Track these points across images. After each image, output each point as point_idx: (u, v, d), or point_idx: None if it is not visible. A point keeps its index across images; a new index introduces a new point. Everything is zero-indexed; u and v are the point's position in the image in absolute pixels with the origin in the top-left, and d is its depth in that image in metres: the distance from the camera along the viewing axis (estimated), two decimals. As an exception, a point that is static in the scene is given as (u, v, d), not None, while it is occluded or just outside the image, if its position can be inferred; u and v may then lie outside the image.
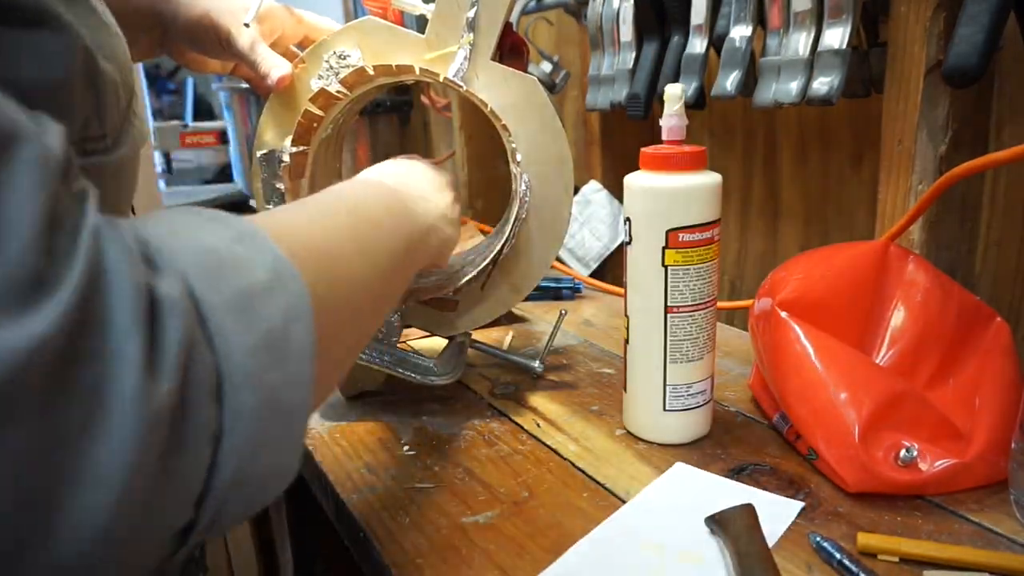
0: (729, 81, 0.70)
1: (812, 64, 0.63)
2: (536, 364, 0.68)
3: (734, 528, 0.43)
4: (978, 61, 0.50)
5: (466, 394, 0.67)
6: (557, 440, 0.58)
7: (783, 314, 0.53)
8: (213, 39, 0.60)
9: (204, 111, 2.29)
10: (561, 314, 0.70)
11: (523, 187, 0.61)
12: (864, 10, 0.62)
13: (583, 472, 0.53)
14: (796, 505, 0.47)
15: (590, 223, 1.05)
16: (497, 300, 0.65)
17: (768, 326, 0.55)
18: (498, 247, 0.62)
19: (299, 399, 0.28)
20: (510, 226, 0.61)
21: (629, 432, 0.58)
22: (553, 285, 0.96)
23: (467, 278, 0.63)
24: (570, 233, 1.04)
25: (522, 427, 0.60)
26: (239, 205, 1.88)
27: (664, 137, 0.52)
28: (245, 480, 0.26)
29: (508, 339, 0.81)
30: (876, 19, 0.65)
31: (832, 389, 0.49)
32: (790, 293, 0.54)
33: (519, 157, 0.61)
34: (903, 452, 0.47)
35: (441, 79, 0.60)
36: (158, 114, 2.18)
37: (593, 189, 1.05)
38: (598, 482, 0.52)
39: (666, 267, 0.52)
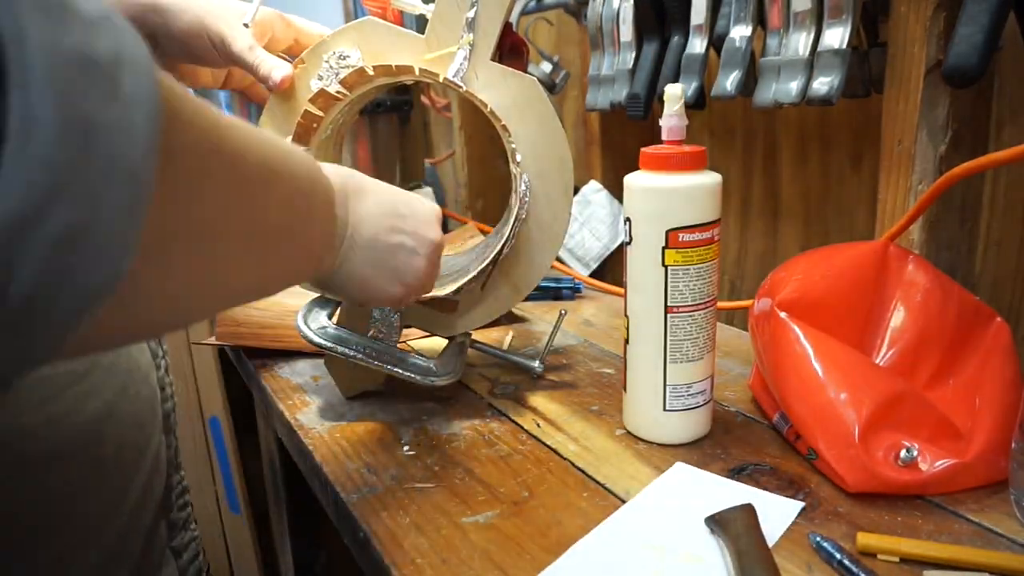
0: (729, 81, 0.70)
1: (812, 64, 0.63)
2: (536, 364, 0.68)
3: (734, 528, 0.43)
4: (978, 61, 0.50)
5: (466, 394, 0.67)
6: (557, 440, 0.58)
7: (782, 315, 0.53)
8: (207, 45, 0.59)
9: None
10: (561, 314, 0.70)
11: (523, 187, 0.61)
12: (864, 10, 0.62)
13: (583, 472, 0.53)
14: (796, 505, 0.47)
15: (590, 223, 1.05)
16: (497, 300, 0.65)
17: (768, 327, 0.55)
18: (498, 247, 0.62)
19: (129, 153, 0.21)
20: (510, 226, 0.61)
21: (629, 432, 0.58)
22: (553, 285, 0.96)
23: (467, 278, 0.63)
24: (570, 233, 1.04)
25: (522, 427, 0.60)
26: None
27: (664, 137, 0.52)
28: (36, 217, 0.19)
29: (508, 339, 0.81)
30: (876, 19, 0.65)
31: (832, 390, 0.49)
32: (790, 294, 0.54)
33: (519, 157, 0.61)
34: (903, 452, 0.47)
35: (441, 79, 0.60)
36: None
37: (593, 189, 1.05)
38: (598, 482, 0.52)
39: (666, 267, 0.52)
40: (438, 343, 0.75)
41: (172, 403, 0.55)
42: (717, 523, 0.44)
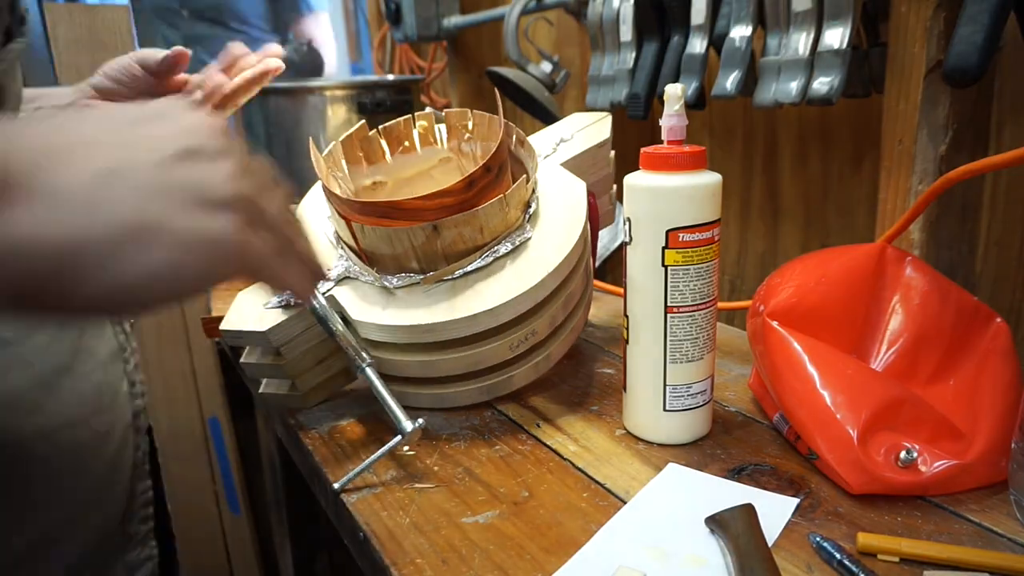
0: (729, 81, 0.70)
1: (812, 64, 0.63)
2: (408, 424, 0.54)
3: (734, 528, 0.43)
4: (978, 61, 0.50)
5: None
6: (557, 440, 0.58)
7: (773, 323, 0.54)
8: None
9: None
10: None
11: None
12: (864, 10, 0.62)
13: (583, 472, 0.53)
14: (793, 501, 0.47)
15: (590, 223, 1.05)
16: None
17: (762, 334, 0.55)
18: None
19: None
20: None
21: (629, 432, 0.58)
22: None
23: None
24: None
25: (522, 427, 0.60)
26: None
27: (664, 137, 0.52)
28: None
29: None
30: (876, 19, 0.65)
31: (829, 395, 0.49)
32: (783, 301, 0.54)
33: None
34: (903, 454, 0.47)
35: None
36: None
37: (593, 189, 1.05)
38: (598, 482, 0.52)
39: (666, 267, 0.51)
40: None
41: (143, 403, 0.53)
42: (717, 523, 0.44)
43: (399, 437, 0.53)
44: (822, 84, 0.62)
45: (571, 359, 0.74)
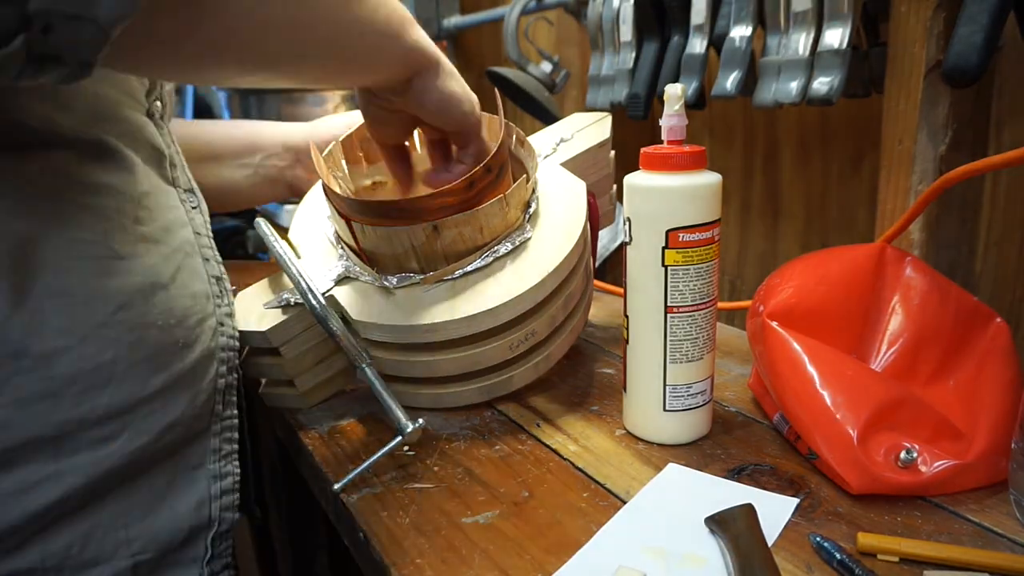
0: (729, 81, 0.70)
1: (812, 64, 0.63)
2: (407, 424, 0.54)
3: (734, 528, 0.43)
4: (978, 61, 0.50)
5: (466, 394, 0.67)
6: (557, 440, 0.58)
7: (773, 323, 0.54)
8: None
9: (204, 111, 2.29)
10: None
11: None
12: (864, 10, 0.62)
13: (583, 472, 0.53)
14: (793, 501, 0.47)
15: (590, 223, 1.05)
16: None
17: (763, 335, 0.55)
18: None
19: None
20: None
21: (629, 432, 0.58)
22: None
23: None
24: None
25: (522, 427, 0.60)
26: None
27: (664, 137, 0.52)
28: None
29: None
30: (876, 19, 0.65)
31: (828, 396, 0.49)
32: (782, 302, 0.54)
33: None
34: (903, 454, 0.47)
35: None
36: (158, 114, 2.17)
37: (593, 189, 1.05)
38: (598, 482, 0.52)
39: (666, 267, 0.52)
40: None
41: (231, 342, 0.55)
42: (717, 523, 0.44)
43: (399, 437, 0.53)
44: (822, 84, 0.62)
45: (571, 359, 0.74)
